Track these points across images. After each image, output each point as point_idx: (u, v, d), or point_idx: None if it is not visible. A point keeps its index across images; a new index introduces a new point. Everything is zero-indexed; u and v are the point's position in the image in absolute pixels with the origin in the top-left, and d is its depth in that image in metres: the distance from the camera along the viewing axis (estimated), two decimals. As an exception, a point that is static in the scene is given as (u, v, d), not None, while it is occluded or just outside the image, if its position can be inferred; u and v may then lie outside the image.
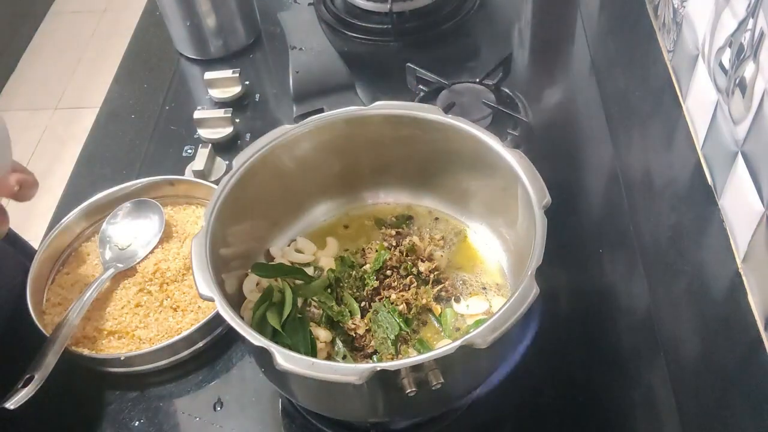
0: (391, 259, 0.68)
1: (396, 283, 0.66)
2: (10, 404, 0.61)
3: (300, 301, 0.65)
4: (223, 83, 0.98)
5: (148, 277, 0.74)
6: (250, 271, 0.66)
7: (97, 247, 0.77)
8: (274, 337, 0.61)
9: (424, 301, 0.65)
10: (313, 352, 0.61)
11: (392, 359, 0.62)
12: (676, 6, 0.72)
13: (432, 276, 0.67)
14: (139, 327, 0.71)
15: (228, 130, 0.92)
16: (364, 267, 0.68)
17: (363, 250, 0.70)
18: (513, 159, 0.61)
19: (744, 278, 0.55)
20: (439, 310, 0.66)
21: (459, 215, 0.73)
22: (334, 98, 0.91)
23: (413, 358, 0.49)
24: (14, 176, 0.55)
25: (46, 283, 0.76)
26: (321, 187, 0.73)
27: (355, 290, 0.66)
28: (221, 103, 0.98)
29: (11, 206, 0.63)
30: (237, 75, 0.97)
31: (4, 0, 2.53)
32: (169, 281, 0.74)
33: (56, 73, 2.53)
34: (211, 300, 0.54)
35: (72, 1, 2.87)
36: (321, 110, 0.89)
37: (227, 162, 0.89)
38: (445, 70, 0.95)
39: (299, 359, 0.50)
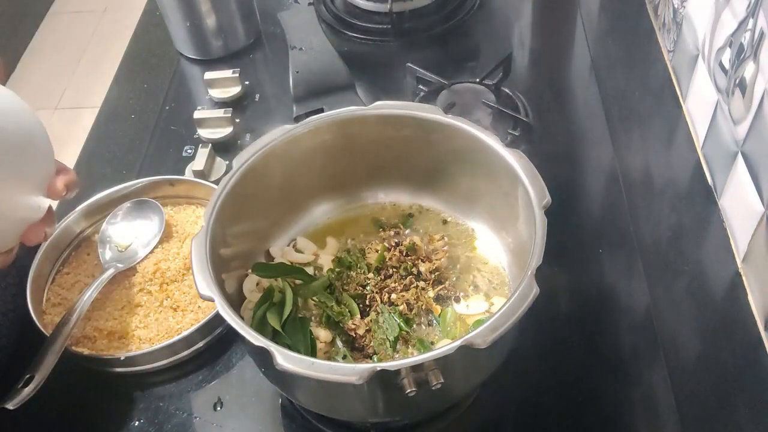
0: (391, 259, 0.68)
1: (396, 283, 0.66)
2: (10, 404, 0.60)
3: (300, 301, 0.65)
4: (223, 83, 0.98)
5: (148, 277, 0.74)
6: (250, 271, 0.66)
7: (97, 247, 0.77)
8: (274, 337, 0.61)
9: (424, 301, 0.65)
10: (313, 352, 0.61)
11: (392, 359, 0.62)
12: (676, 6, 0.72)
13: (432, 276, 0.67)
14: (139, 327, 0.71)
15: (228, 130, 0.92)
16: (364, 267, 0.68)
17: (363, 250, 0.70)
18: (513, 159, 0.61)
19: (744, 278, 0.55)
20: (439, 310, 0.66)
21: (459, 215, 0.73)
22: (334, 98, 0.91)
23: (413, 358, 0.49)
24: (61, 179, 0.55)
25: (46, 283, 0.75)
26: (321, 187, 0.73)
27: (355, 290, 0.66)
28: (221, 103, 0.98)
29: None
30: (237, 75, 0.97)
31: (4, 0, 2.53)
32: (169, 281, 0.74)
33: (56, 73, 2.53)
34: (211, 300, 0.54)
35: (72, 1, 2.87)
36: (321, 110, 0.89)
37: (227, 162, 0.89)
38: (445, 70, 0.95)
39: (299, 359, 0.50)
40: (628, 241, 0.78)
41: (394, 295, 0.65)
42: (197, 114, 0.92)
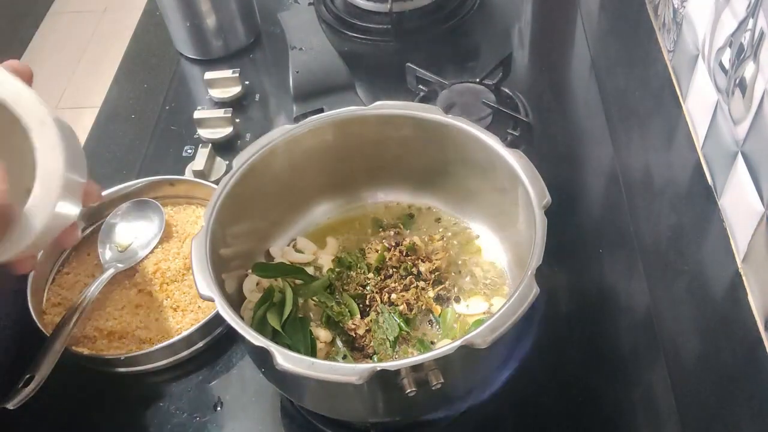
0: (391, 259, 0.68)
1: (396, 283, 0.66)
2: (10, 404, 0.61)
3: (300, 301, 0.65)
4: (223, 83, 0.98)
5: (148, 277, 0.74)
6: (250, 271, 0.66)
7: (97, 247, 0.77)
8: (274, 337, 0.61)
9: (424, 301, 0.65)
10: (313, 352, 0.61)
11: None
12: (676, 6, 0.72)
13: (432, 276, 0.67)
14: (139, 327, 0.71)
15: (228, 130, 0.92)
16: (364, 267, 0.68)
17: (363, 250, 0.70)
18: (513, 159, 0.61)
19: (744, 278, 0.55)
20: (439, 310, 0.66)
21: (459, 215, 0.73)
22: (334, 98, 0.91)
23: (413, 358, 0.49)
24: (98, 186, 0.55)
25: (46, 283, 0.76)
26: (321, 187, 0.73)
27: (355, 290, 0.66)
28: (221, 103, 0.98)
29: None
30: (237, 75, 0.97)
31: (4, 0, 2.53)
32: (169, 281, 0.74)
33: (56, 73, 2.53)
34: (211, 300, 0.54)
35: (72, 1, 2.87)
36: (321, 110, 0.89)
37: (227, 162, 0.89)
38: (445, 70, 0.95)
39: (299, 359, 0.50)
40: (628, 241, 0.78)
41: (394, 295, 0.65)
42: (197, 114, 0.92)
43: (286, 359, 0.49)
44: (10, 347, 0.71)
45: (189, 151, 0.92)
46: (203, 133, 0.92)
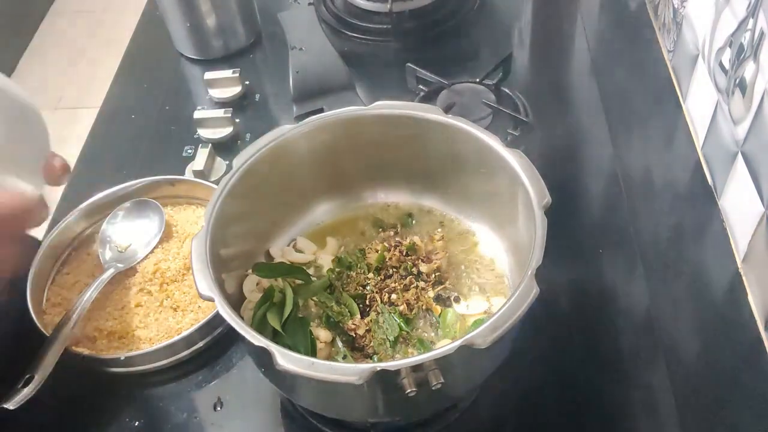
0: (391, 259, 0.68)
1: (396, 283, 0.66)
2: (10, 404, 0.60)
3: (300, 301, 0.65)
4: (223, 83, 0.98)
5: (148, 277, 0.74)
6: (250, 271, 0.66)
7: (97, 247, 0.77)
8: (274, 337, 0.61)
9: (424, 301, 0.65)
10: (313, 352, 0.61)
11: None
12: (676, 6, 0.73)
13: (432, 276, 0.67)
14: (139, 327, 0.71)
15: (228, 130, 0.92)
16: (364, 267, 0.68)
17: (363, 250, 0.70)
18: (513, 159, 0.61)
19: (744, 278, 0.56)
20: (439, 310, 0.65)
21: (459, 215, 0.73)
22: (334, 98, 0.91)
23: (413, 358, 0.49)
24: (58, 159, 0.53)
25: (46, 283, 0.75)
26: (321, 187, 0.73)
27: (355, 290, 0.66)
28: (221, 103, 0.98)
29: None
30: (237, 75, 0.97)
31: (4, 0, 2.53)
32: (169, 281, 0.74)
33: (56, 73, 2.53)
34: (211, 300, 0.54)
35: (72, 1, 2.87)
36: (321, 110, 0.89)
37: (227, 162, 0.89)
38: (445, 70, 0.95)
39: (299, 359, 0.50)
40: (628, 241, 0.78)
41: (394, 295, 0.65)
42: (197, 114, 0.92)
43: (286, 359, 0.49)
44: (10, 347, 0.71)
45: (189, 151, 0.92)
46: (203, 133, 0.92)
